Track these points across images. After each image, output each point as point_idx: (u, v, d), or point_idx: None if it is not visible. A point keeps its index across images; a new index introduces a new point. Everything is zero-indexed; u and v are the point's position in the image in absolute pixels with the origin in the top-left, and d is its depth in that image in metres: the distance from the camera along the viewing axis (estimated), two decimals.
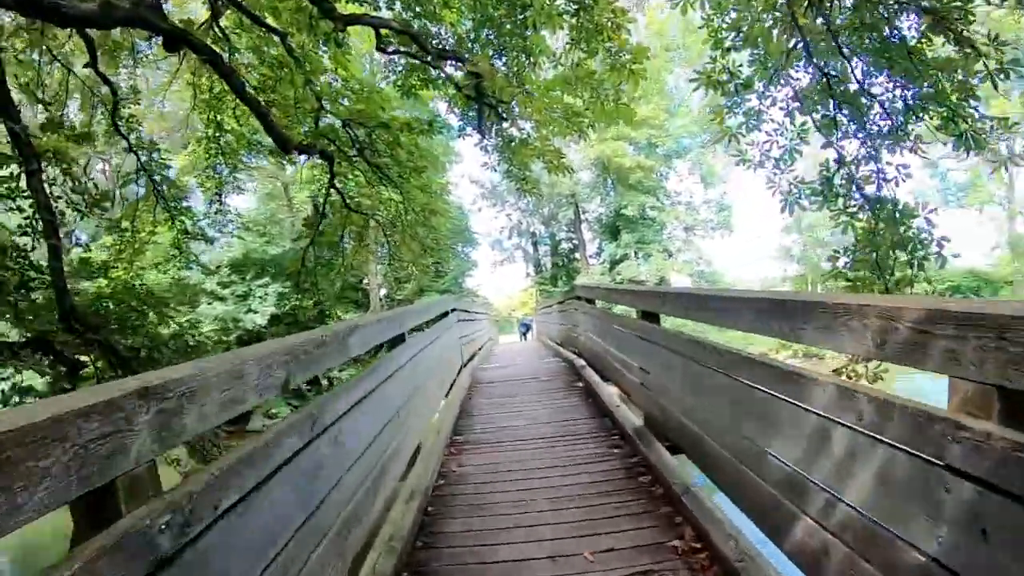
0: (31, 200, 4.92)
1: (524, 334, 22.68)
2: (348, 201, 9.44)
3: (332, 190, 8.67)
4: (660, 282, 27.05)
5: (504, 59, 8.39)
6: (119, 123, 9.06)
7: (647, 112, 29.83)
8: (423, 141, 9.95)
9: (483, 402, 5.73)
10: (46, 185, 5.23)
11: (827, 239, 36.85)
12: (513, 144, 7.94)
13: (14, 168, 4.85)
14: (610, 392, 5.15)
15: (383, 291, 26.94)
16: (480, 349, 10.82)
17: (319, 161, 9.27)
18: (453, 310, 6.88)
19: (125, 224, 10.09)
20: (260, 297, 20.41)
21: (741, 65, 6.18)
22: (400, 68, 8.03)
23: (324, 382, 15.56)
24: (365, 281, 25.76)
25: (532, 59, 8.45)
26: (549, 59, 8.53)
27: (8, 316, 4.30)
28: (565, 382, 6.55)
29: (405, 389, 3.24)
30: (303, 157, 8.89)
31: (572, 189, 32.73)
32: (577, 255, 34.97)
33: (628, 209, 30.32)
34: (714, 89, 6.17)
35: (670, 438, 3.37)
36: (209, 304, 19.08)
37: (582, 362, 6.97)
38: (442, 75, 7.38)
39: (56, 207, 5.51)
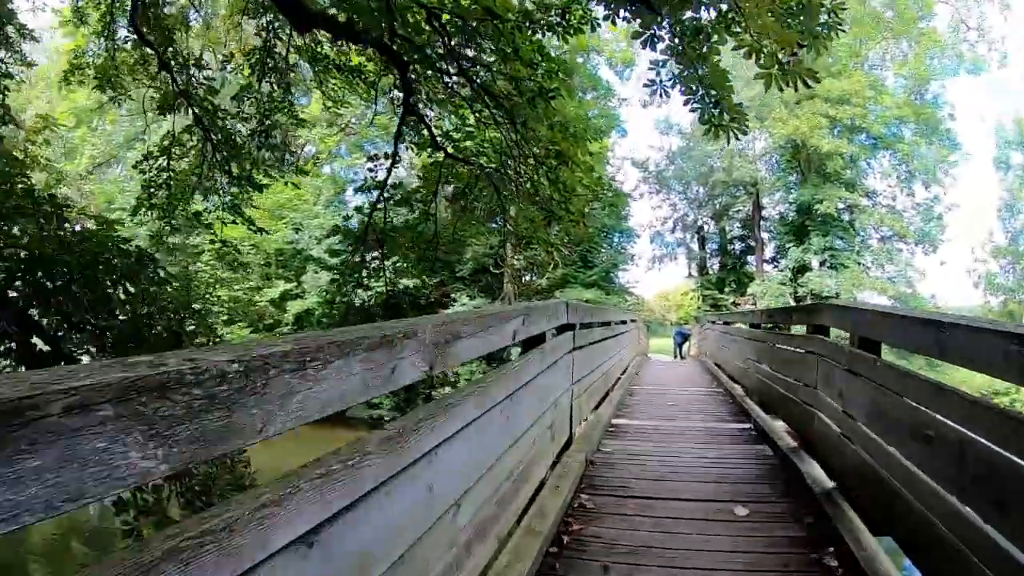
0: None
1: (680, 346, 18.59)
2: (442, 142, 6.35)
3: (411, 117, 5.75)
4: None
5: None
6: None
7: (847, 86, 23.35)
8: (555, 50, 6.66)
9: None
10: None
11: None
12: (705, 29, 4.36)
13: None
14: None
15: (528, 276, 22.72)
16: (621, 378, 7.21)
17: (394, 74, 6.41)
18: (564, 327, 3.26)
19: (154, 155, 7.94)
20: (375, 270, 18.43)
21: None
22: None
23: None
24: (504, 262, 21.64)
25: None
26: None
27: None
28: (789, 535, 2.26)
29: None
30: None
31: (752, 176, 26.44)
32: (751, 258, 28.06)
33: (823, 205, 23.11)
34: None
35: None
36: (315, 273, 17.69)
37: (824, 480, 2.57)
38: None
39: None
